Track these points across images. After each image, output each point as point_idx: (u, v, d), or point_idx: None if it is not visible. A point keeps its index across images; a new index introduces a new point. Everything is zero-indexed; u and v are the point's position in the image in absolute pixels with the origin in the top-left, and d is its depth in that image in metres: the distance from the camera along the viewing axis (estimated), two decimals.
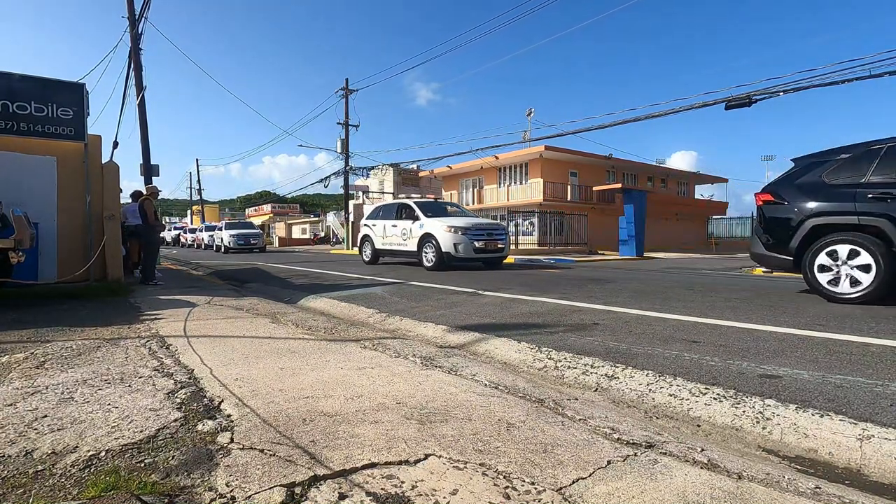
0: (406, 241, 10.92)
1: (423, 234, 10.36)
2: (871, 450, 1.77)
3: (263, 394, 2.21)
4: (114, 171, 7.57)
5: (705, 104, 12.96)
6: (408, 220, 11.09)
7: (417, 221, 10.73)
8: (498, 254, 10.46)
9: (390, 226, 11.59)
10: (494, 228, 10.57)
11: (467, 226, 9.97)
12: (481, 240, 9.97)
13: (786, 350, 2.98)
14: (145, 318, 4.36)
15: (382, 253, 12.02)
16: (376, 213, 12.67)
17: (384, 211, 12.46)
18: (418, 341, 3.68)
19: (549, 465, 1.54)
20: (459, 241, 9.74)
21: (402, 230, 11.09)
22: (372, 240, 12.26)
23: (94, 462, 1.54)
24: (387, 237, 11.68)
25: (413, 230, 10.75)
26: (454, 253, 9.70)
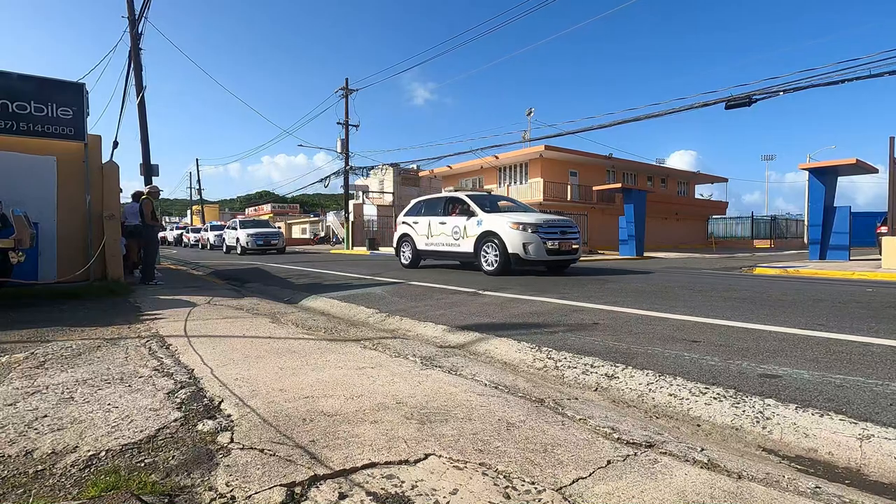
0: (458, 240, 9.32)
1: (482, 233, 8.80)
2: (871, 449, 1.77)
3: (263, 393, 2.21)
4: (114, 171, 7.56)
5: (705, 104, 12.96)
6: (461, 216, 9.43)
7: (473, 218, 9.08)
8: (572, 255, 8.81)
9: (437, 223, 9.90)
10: (568, 226, 8.87)
11: (538, 222, 8.39)
12: (554, 239, 8.40)
13: (786, 350, 2.98)
14: (145, 318, 4.36)
15: (426, 254, 10.39)
16: (417, 209, 10.93)
17: (428, 206, 10.73)
18: (418, 341, 3.68)
19: (549, 464, 1.54)
20: (530, 240, 8.16)
21: (454, 228, 9.44)
22: (413, 240, 10.53)
23: (94, 462, 1.54)
24: (433, 236, 10.00)
25: (468, 228, 9.12)
26: (523, 255, 8.14)
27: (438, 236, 9.89)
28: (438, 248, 9.94)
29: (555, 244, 8.39)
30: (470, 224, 9.14)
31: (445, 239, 9.70)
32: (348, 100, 26.81)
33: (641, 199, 18.32)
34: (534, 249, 8.19)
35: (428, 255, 10.39)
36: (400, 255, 11.09)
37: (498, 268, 8.43)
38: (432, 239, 10.04)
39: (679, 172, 34.55)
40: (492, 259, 8.59)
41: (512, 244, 8.23)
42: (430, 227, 10.13)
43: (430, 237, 10.09)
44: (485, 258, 8.74)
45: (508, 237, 8.30)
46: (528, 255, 8.19)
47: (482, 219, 8.93)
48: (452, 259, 9.97)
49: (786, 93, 11.34)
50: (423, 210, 10.72)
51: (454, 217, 9.63)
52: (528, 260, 8.23)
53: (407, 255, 10.82)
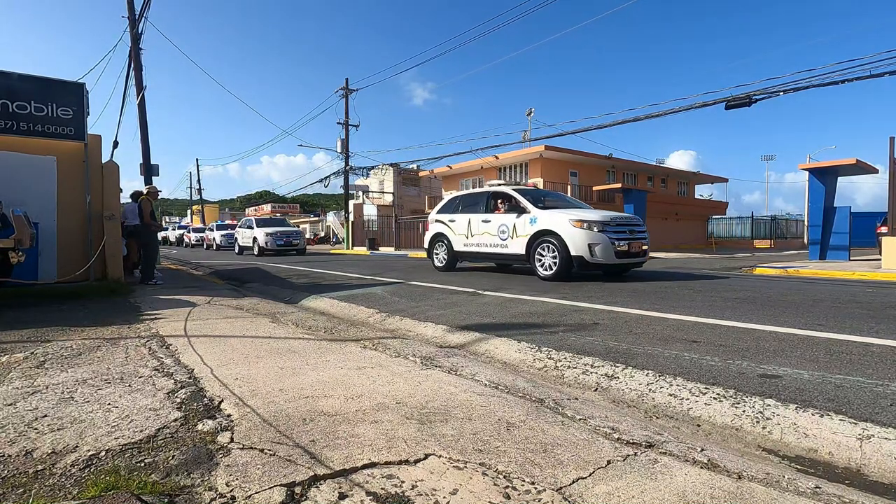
0: (506, 240, 8.27)
1: (536, 233, 7.73)
2: (871, 449, 1.77)
3: (263, 393, 2.21)
4: (114, 171, 7.57)
5: (705, 104, 12.96)
6: (510, 213, 8.37)
7: (525, 215, 8.03)
8: (641, 258, 7.78)
9: (479, 221, 8.84)
10: (636, 224, 7.88)
11: (605, 220, 7.35)
12: (623, 239, 7.34)
13: (786, 350, 2.98)
14: (145, 318, 4.36)
15: (464, 256, 9.36)
16: (453, 205, 9.82)
17: (466, 202, 9.61)
18: (418, 341, 3.68)
19: (549, 464, 1.54)
20: (597, 240, 7.09)
21: (500, 227, 8.39)
22: (449, 240, 9.45)
23: (94, 462, 1.54)
24: (473, 236, 8.92)
25: (518, 227, 8.07)
26: (588, 257, 7.07)
27: (481, 236, 8.79)
28: (480, 250, 8.86)
29: (624, 245, 7.29)
30: (521, 222, 8.05)
31: (489, 239, 8.63)
32: (348, 100, 26.82)
33: (641, 199, 18.32)
34: (601, 251, 7.09)
35: (467, 256, 9.34)
36: (433, 257, 10.00)
37: (556, 272, 7.34)
38: (473, 239, 8.98)
39: (679, 172, 34.56)
40: (549, 262, 7.48)
41: (575, 245, 7.15)
42: (469, 226, 9.04)
43: (470, 237, 9.01)
44: (539, 261, 7.63)
45: (571, 237, 7.21)
46: (595, 257, 7.08)
47: (536, 216, 7.84)
48: (497, 261, 8.96)
49: (786, 93, 11.34)
50: (461, 207, 9.57)
51: (500, 214, 8.55)
52: (593, 263, 7.15)
53: (441, 257, 9.73)
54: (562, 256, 7.27)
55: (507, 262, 8.80)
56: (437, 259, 9.90)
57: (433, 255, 10.01)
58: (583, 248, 7.12)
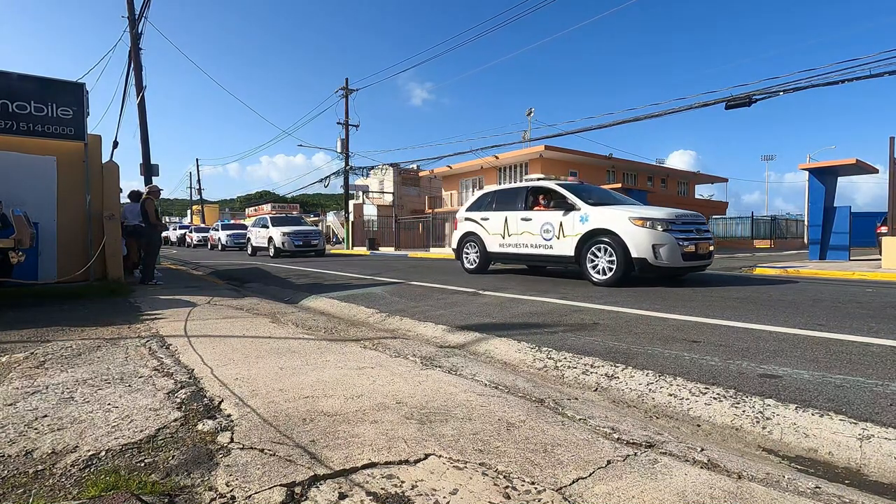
0: (550, 240, 7.48)
1: (588, 232, 6.91)
2: (871, 449, 1.77)
3: (263, 393, 2.21)
4: (114, 171, 7.57)
5: (705, 104, 12.97)
6: (555, 210, 7.55)
7: (573, 212, 7.21)
8: (707, 261, 6.97)
9: (518, 219, 8.07)
10: (701, 222, 7.04)
11: (670, 217, 6.51)
12: (690, 239, 6.48)
13: (786, 350, 2.98)
14: (145, 318, 4.36)
15: (499, 258, 8.60)
16: (485, 202, 8.99)
17: (501, 198, 8.78)
18: (418, 341, 3.68)
19: (549, 464, 1.54)
20: (662, 241, 6.26)
21: (544, 226, 7.58)
22: (481, 240, 8.72)
23: (94, 462, 1.54)
24: (510, 235, 8.17)
25: (565, 225, 7.26)
26: (653, 260, 6.24)
27: (520, 235, 7.99)
28: (519, 251, 8.04)
29: (691, 246, 6.45)
30: (568, 220, 7.23)
31: (530, 239, 7.82)
32: (348, 100, 26.82)
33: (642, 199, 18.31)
34: (667, 253, 6.26)
35: (502, 258, 8.57)
36: (462, 259, 9.21)
37: (614, 276, 6.48)
38: (510, 239, 8.19)
39: (679, 172, 34.56)
40: (604, 265, 6.65)
41: (637, 246, 6.31)
42: (506, 225, 8.26)
43: (507, 236, 8.23)
44: (592, 264, 6.81)
45: (631, 237, 6.37)
46: (659, 260, 6.25)
47: (587, 213, 7.01)
48: (540, 264, 8.25)
49: (786, 93, 11.35)
50: (495, 204, 8.75)
51: (543, 212, 7.76)
52: (657, 266, 6.29)
53: (472, 259, 8.97)
54: (620, 259, 6.41)
55: (552, 264, 7.95)
56: (468, 261, 9.11)
57: (462, 257, 9.21)
58: (646, 250, 6.28)
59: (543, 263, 8.14)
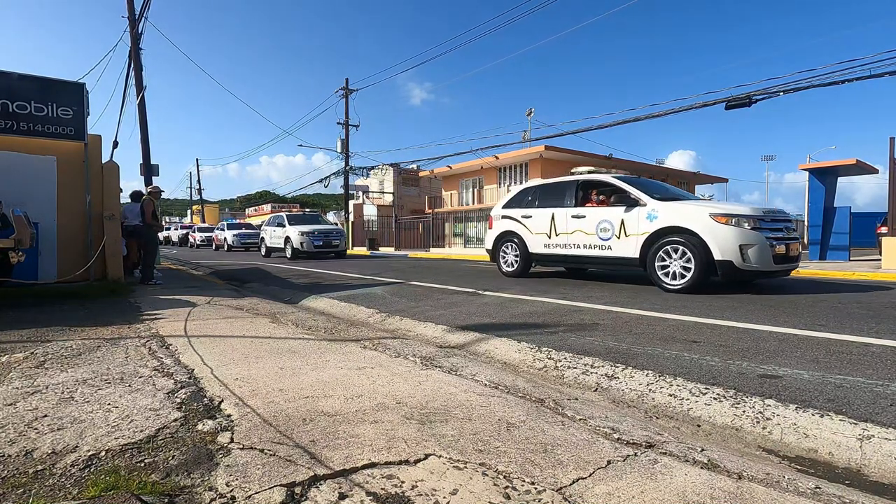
0: (609, 240, 6.67)
1: (658, 230, 6.09)
2: (871, 450, 1.77)
3: (263, 393, 2.21)
4: (114, 171, 7.57)
5: (705, 104, 12.97)
6: (616, 206, 6.74)
7: (637, 208, 6.37)
8: (796, 264, 6.19)
9: (567, 217, 7.29)
10: (788, 220, 6.24)
11: (758, 214, 5.73)
12: (781, 239, 5.73)
13: (786, 350, 2.98)
14: (145, 318, 4.36)
15: (545, 259, 7.76)
16: (526, 198, 8.20)
17: (545, 193, 7.94)
18: (418, 341, 3.68)
19: (549, 464, 1.54)
20: (751, 241, 5.48)
21: (600, 224, 6.79)
22: (522, 239, 7.95)
23: (94, 462, 1.54)
24: (558, 234, 7.39)
25: (628, 223, 6.45)
26: (740, 262, 5.46)
27: (571, 235, 7.21)
28: (569, 252, 7.26)
29: (782, 247, 5.63)
30: (632, 217, 6.42)
31: (583, 239, 7.03)
32: (348, 100, 26.83)
33: None
34: (756, 255, 5.46)
35: (547, 259, 7.75)
36: (500, 261, 8.42)
37: (690, 281, 5.65)
38: (558, 238, 7.40)
39: (679, 173, 34.56)
40: (677, 269, 5.80)
41: (721, 247, 5.51)
42: (553, 223, 7.47)
43: (554, 236, 7.45)
44: (663, 267, 5.96)
45: (714, 236, 5.57)
46: (748, 263, 5.46)
47: (655, 209, 6.19)
48: (595, 266, 7.51)
49: (786, 93, 11.35)
50: (538, 200, 7.94)
51: (599, 208, 6.98)
52: (745, 271, 5.50)
53: (511, 261, 8.19)
54: (699, 261, 5.60)
55: (610, 267, 7.14)
56: (506, 263, 8.32)
57: (499, 258, 8.43)
58: (732, 251, 5.47)
59: (599, 266, 7.22)
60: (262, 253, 17.88)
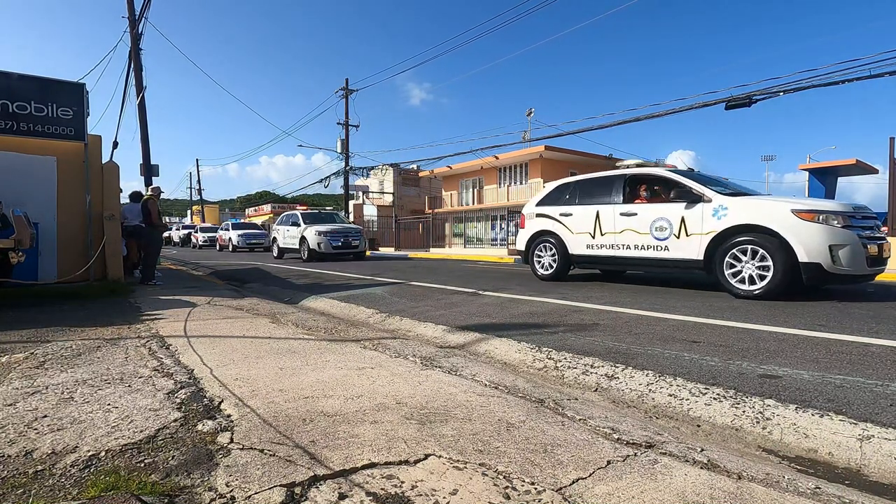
0: (666, 240, 5.99)
1: (727, 230, 5.43)
2: (871, 450, 1.77)
3: (263, 394, 2.21)
4: (114, 171, 7.57)
5: (705, 104, 12.97)
6: (675, 202, 6.03)
7: (702, 204, 5.71)
8: (884, 266, 5.35)
9: (616, 214, 6.61)
10: (875, 217, 5.58)
11: (848, 211, 5.11)
12: (874, 239, 5.12)
13: (786, 350, 2.98)
14: (145, 318, 4.36)
15: (588, 261, 7.08)
16: (564, 195, 7.51)
17: (587, 189, 7.26)
18: (418, 341, 3.68)
19: (549, 465, 1.54)
20: (842, 240, 4.88)
21: (656, 221, 6.11)
22: (561, 239, 7.29)
23: (94, 462, 1.54)
24: (605, 234, 6.71)
25: (690, 220, 5.77)
26: (829, 265, 4.85)
27: (619, 234, 6.52)
28: (617, 253, 6.57)
29: (874, 247, 5.02)
30: (694, 215, 5.75)
31: (634, 238, 6.34)
32: (348, 100, 26.83)
33: None
34: (849, 257, 4.85)
35: (590, 261, 7.06)
36: (534, 263, 7.75)
37: (769, 286, 5.04)
38: (604, 238, 6.72)
39: None
40: (752, 272, 5.19)
41: (807, 247, 4.88)
42: (598, 221, 6.80)
43: (600, 235, 6.77)
44: (734, 270, 5.33)
45: (798, 235, 4.94)
46: (839, 265, 4.84)
47: (724, 205, 5.52)
48: (648, 268, 6.53)
49: (786, 93, 11.35)
50: (579, 196, 7.27)
51: (655, 204, 6.28)
52: (835, 274, 4.88)
53: (548, 263, 7.51)
54: (779, 264, 4.99)
55: (667, 269, 6.24)
56: (540, 265, 7.65)
57: (534, 260, 7.75)
58: (821, 253, 4.86)
59: (654, 268, 6.41)
60: (273, 254, 16.99)
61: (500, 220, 27.75)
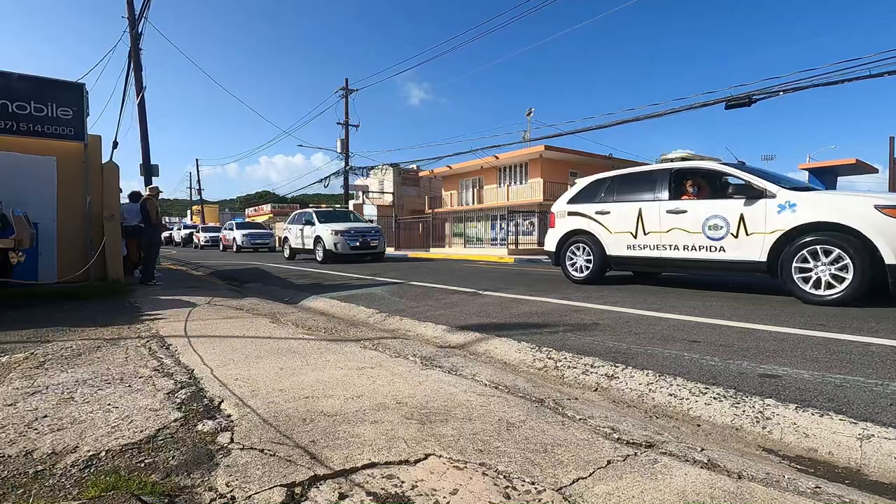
0: (722, 239, 5.43)
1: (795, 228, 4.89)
2: (871, 449, 1.77)
3: (263, 394, 2.21)
4: (113, 172, 7.57)
5: (705, 104, 12.97)
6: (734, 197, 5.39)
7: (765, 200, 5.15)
8: None
9: (662, 212, 6.02)
10: None
11: None
12: None
13: (786, 350, 2.98)
14: (145, 319, 4.36)
15: (628, 262, 6.53)
16: (599, 191, 6.93)
17: (627, 185, 6.66)
18: (418, 341, 3.68)
19: (549, 464, 1.54)
20: None
21: (710, 219, 5.53)
22: (598, 240, 6.72)
23: (94, 462, 1.54)
24: (649, 233, 6.15)
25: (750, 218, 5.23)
26: None
27: (665, 234, 5.95)
28: (664, 254, 5.99)
29: None
30: (756, 211, 5.19)
31: (684, 238, 5.78)
32: (348, 100, 26.82)
33: None
34: None
35: (632, 263, 6.51)
36: (565, 265, 7.20)
37: (848, 291, 4.54)
38: (647, 238, 6.16)
39: None
40: (825, 276, 4.66)
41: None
42: (640, 220, 6.24)
43: (642, 235, 6.21)
44: (804, 274, 4.79)
45: (885, 236, 4.39)
46: None
47: (791, 201, 4.97)
48: (700, 271, 5.92)
49: (786, 93, 11.35)
50: (616, 192, 6.70)
51: (705, 201, 5.73)
52: None
53: (582, 264, 6.95)
54: (861, 267, 4.46)
55: (721, 272, 5.73)
56: (574, 267, 7.08)
57: (565, 262, 7.22)
58: None
59: (706, 271, 5.88)
60: (285, 255, 15.90)
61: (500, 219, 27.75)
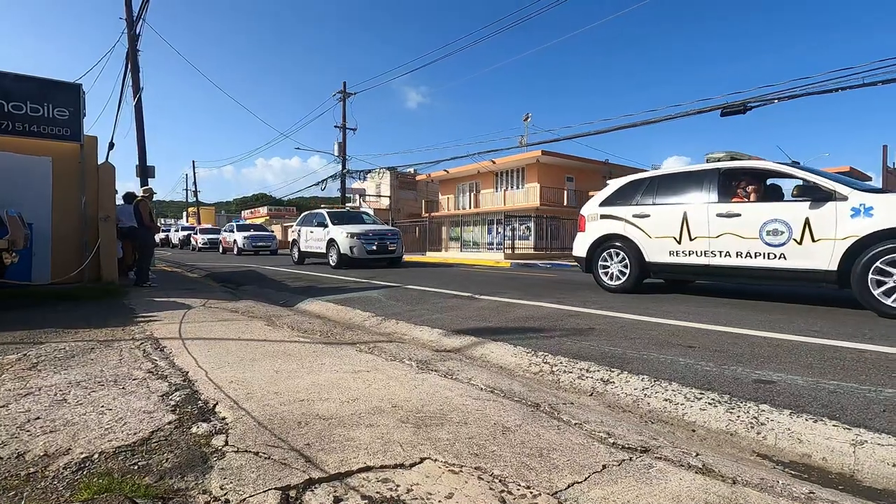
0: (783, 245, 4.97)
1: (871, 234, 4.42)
2: (864, 455, 1.78)
3: (258, 396, 2.20)
4: (109, 173, 7.54)
5: (701, 111, 13.05)
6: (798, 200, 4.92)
7: (833, 203, 4.69)
8: None
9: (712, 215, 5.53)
10: None
11: None
12: None
13: (780, 355, 3.00)
14: (140, 320, 4.34)
15: (671, 270, 6.02)
16: (637, 193, 6.39)
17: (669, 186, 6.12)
18: (414, 345, 3.67)
19: (544, 469, 1.54)
20: None
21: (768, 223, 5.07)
22: (635, 245, 6.20)
23: (87, 464, 1.53)
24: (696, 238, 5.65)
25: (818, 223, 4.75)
26: None
27: (716, 239, 5.45)
28: (712, 262, 5.49)
29: None
30: (824, 215, 4.69)
31: (737, 244, 5.29)
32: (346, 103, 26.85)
33: None
34: None
35: (676, 271, 6.00)
36: (598, 272, 6.65)
37: None
38: (693, 244, 5.64)
39: None
40: None
41: None
42: (686, 223, 5.72)
43: (688, 240, 5.69)
44: (884, 288, 4.27)
45: None
46: None
47: (865, 204, 4.48)
48: (755, 280, 5.34)
49: (781, 100, 11.44)
50: (657, 194, 6.16)
51: (763, 204, 5.26)
52: None
53: (616, 272, 6.41)
54: None
55: (780, 282, 5.16)
56: (608, 275, 6.52)
57: (597, 269, 6.64)
58: None
59: (762, 281, 5.30)
60: (293, 259, 14.85)
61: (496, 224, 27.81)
